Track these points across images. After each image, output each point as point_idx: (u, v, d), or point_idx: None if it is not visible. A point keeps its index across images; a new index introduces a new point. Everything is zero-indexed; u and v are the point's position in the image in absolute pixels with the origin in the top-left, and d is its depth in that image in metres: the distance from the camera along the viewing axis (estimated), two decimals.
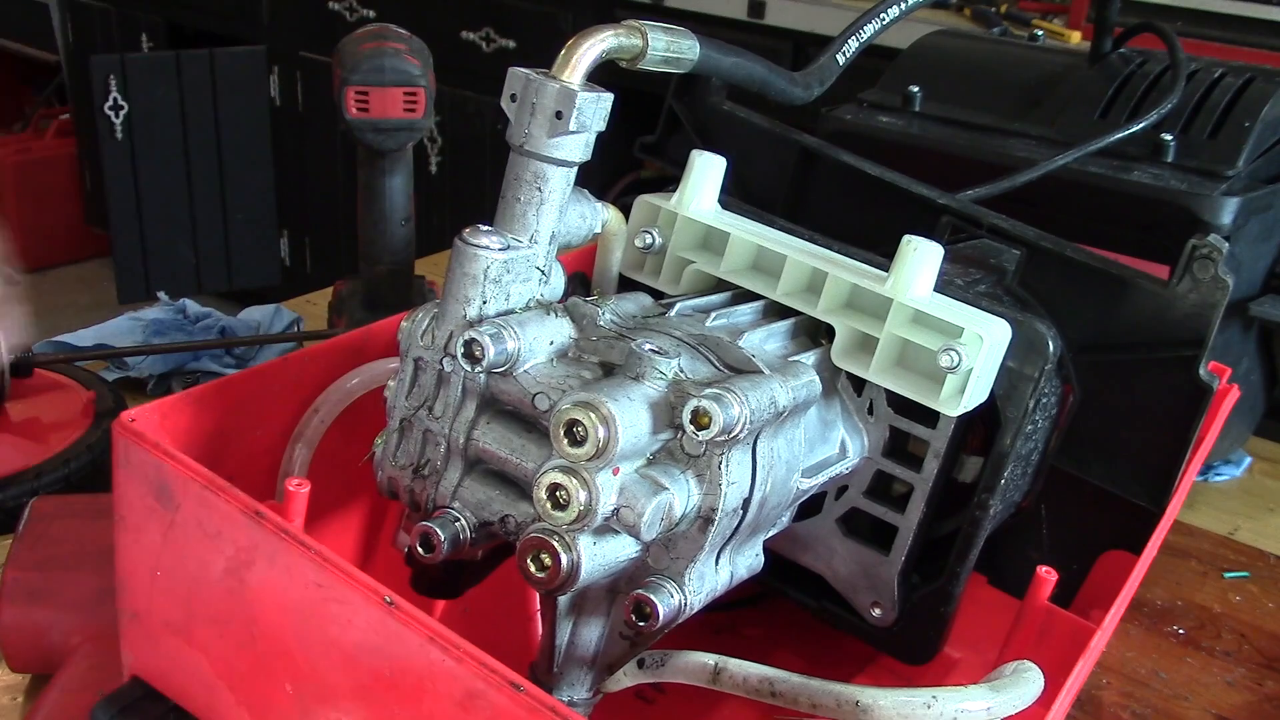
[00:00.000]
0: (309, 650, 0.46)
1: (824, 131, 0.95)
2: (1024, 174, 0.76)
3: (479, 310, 0.47)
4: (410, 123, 0.91)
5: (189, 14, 3.09)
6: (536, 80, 0.47)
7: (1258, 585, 0.88)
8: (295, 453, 0.58)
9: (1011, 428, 0.54)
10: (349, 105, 0.89)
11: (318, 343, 0.61)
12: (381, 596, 0.43)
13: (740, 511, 0.47)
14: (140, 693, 0.53)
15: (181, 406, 0.53)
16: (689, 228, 0.59)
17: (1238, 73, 0.90)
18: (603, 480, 0.43)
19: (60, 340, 1.05)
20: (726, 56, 0.56)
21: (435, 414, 0.49)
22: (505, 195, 0.49)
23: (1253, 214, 0.83)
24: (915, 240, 0.52)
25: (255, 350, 1.08)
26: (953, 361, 0.50)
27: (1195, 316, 0.56)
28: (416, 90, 0.90)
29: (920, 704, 0.44)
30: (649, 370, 0.46)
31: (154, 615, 0.52)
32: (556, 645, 0.49)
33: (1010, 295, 0.60)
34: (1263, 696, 0.76)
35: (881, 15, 0.71)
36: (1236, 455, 1.05)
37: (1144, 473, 0.59)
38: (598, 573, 0.45)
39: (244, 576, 0.47)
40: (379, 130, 0.91)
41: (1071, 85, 0.93)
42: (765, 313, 0.57)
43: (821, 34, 1.96)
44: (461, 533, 0.48)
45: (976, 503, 0.56)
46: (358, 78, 0.88)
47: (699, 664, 0.48)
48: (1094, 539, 0.61)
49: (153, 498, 0.49)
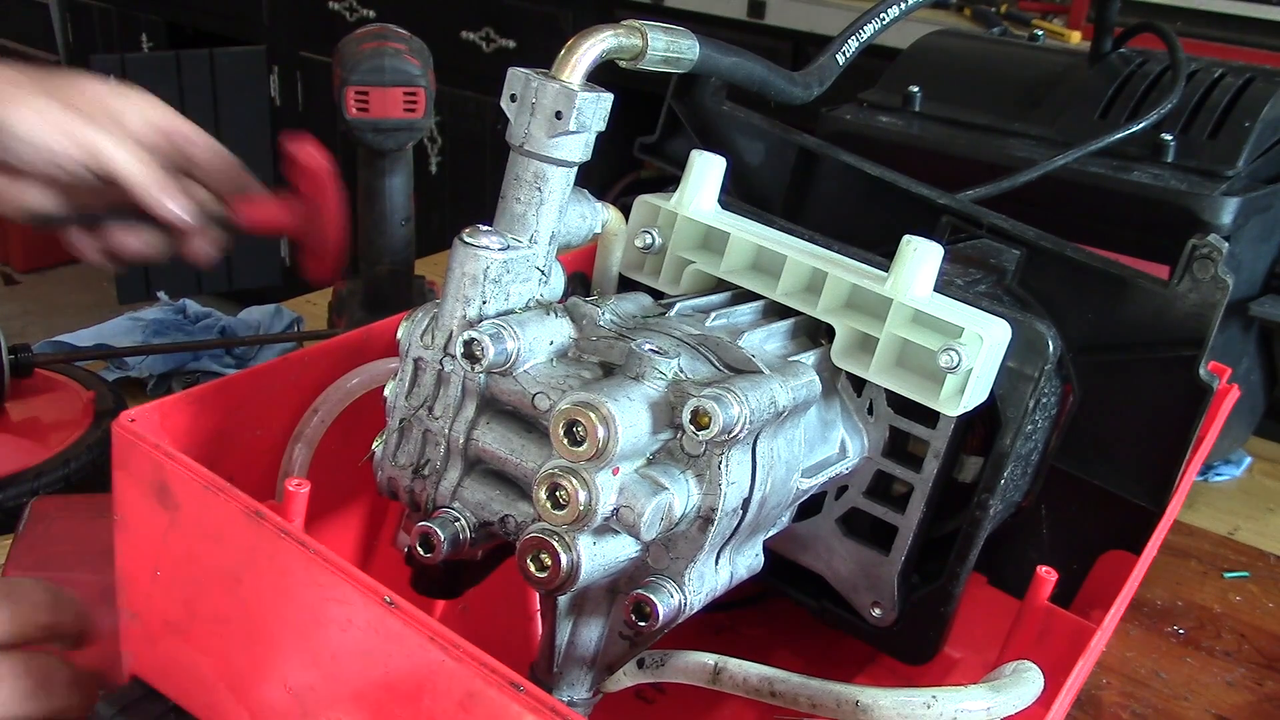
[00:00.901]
0: (309, 650, 0.46)
1: (824, 131, 0.95)
2: (1024, 174, 0.76)
3: (479, 310, 0.47)
4: (410, 123, 0.91)
5: (189, 14, 3.09)
6: (536, 80, 0.47)
7: (1258, 585, 0.88)
8: (295, 453, 0.58)
9: (1011, 428, 0.54)
10: (349, 105, 0.89)
11: (318, 343, 0.61)
12: (381, 596, 0.43)
13: (740, 511, 0.47)
14: (140, 693, 0.53)
15: (181, 406, 0.53)
16: (689, 228, 0.59)
17: (1238, 73, 0.90)
18: (602, 480, 0.43)
19: (60, 340, 1.05)
20: (726, 56, 0.56)
21: (435, 414, 0.49)
22: (505, 195, 0.49)
23: (1253, 214, 0.83)
24: (915, 240, 0.52)
25: (255, 350, 1.08)
26: (953, 361, 0.50)
27: (1195, 316, 0.56)
28: (416, 90, 0.90)
29: (920, 704, 0.44)
30: (649, 370, 0.46)
31: (154, 615, 0.52)
32: (556, 645, 0.49)
33: (1010, 295, 0.60)
34: (1263, 696, 0.76)
35: (881, 15, 0.71)
36: (1236, 455, 1.05)
37: (1144, 473, 0.59)
38: (598, 573, 0.45)
39: (244, 576, 0.47)
40: (379, 130, 0.91)
41: (1071, 85, 0.93)
42: (765, 313, 0.57)
43: (821, 34, 1.96)
44: (461, 533, 0.48)
45: (976, 503, 0.56)
46: (358, 78, 0.88)
47: (699, 664, 0.48)
48: (1094, 539, 0.61)
49: (153, 498, 0.49)
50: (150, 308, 1.13)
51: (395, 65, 0.89)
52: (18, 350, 0.89)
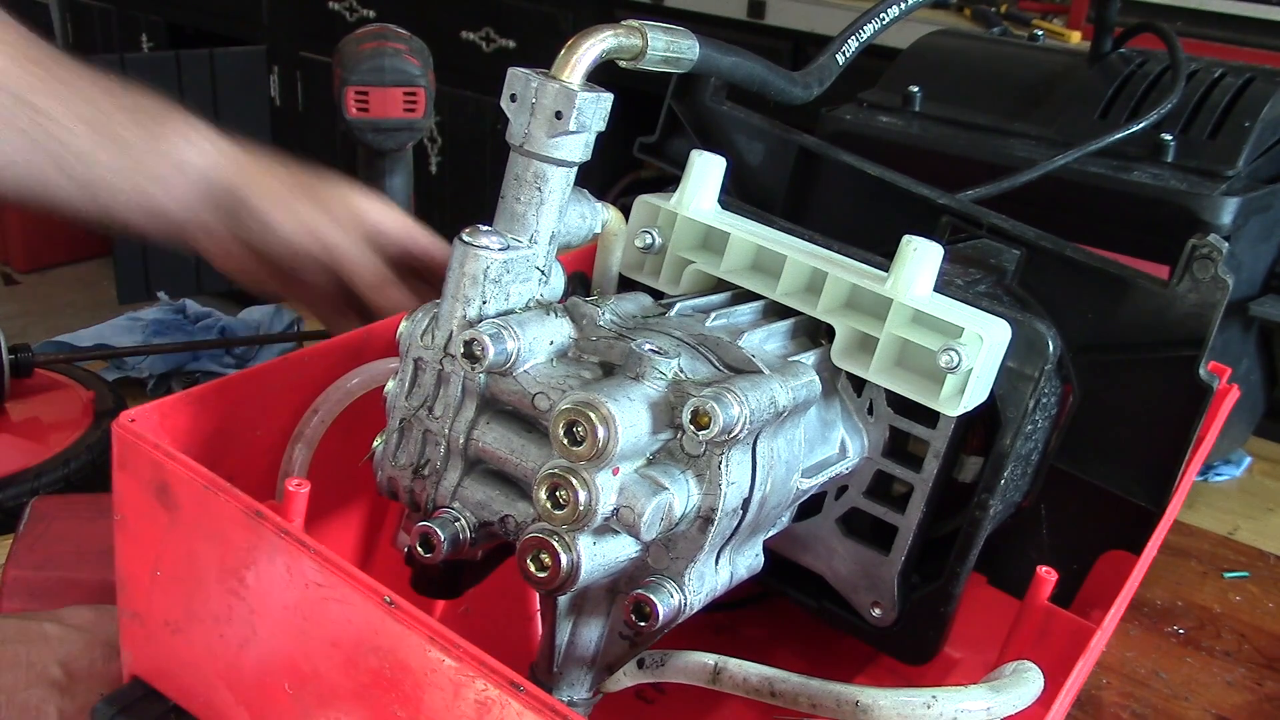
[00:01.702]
0: (309, 650, 0.46)
1: (824, 131, 0.95)
2: (1024, 174, 0.76)
3: (479, 310, 0.47)
4: (410, 123, 0.91)
5: (189, 14, 3.09)
6: (536, 80, 0.47)
7: (1258, 585, 0.88)
8: (295, 453, 0.58)
9: (1011, 428, 0.54)
10: (349, 105, 0.89)
11: (318, 343, 0.61)
12: (381, 596, 0.43)
13: (740, 511, 0.47)
14: (140, 693, 0.53)
15: (181, 406, 0.53)
16: (689, 228, 0.59)
17: (1238, 73, 0.90)
18: (602, 480, 0.43)
19: (60, 340, 1.05)
20: (726, 56, 0.56)
21: (435, 414, 0.49)
22: (505, 195, 0.49)
23: (1253, 214, 0.83)
24: (915, 240, 0.52)
25: (255, 350, 1.08)
26: (952, 361, 0.50)
27: (1195, 316, 0.56)
28: (416, 90, 0.90)
29: (920, 704, 0.44)
30: (649, 370, 0.46)
31: (154, 615, 0.52)
32: (556, 645, 0.49)
33: (1010, 295, 0.60)
34: (1263, 696, 0.76)
35: (881, 15, 0.71)
36: (1236, 455, 1.05)
37: (1144, 473, 0.59)
38: (598, 573, 0.45)
39: (244, 576, 0.47)
40: (379, 130, 0.91)
41: (1071, 85, 0.93)
42: (765, 313, 0.57)
43: (821, 34, 1.96)
44: (461, 533, 0.48)
45: (976, 503, 0.56)
46: (358, 78, 0.88)
47: (699, 664, 0.48)
48: (1094, 539, 0.61)
49: (153, 498, 0.49)
50: (150, 308, 1.13)
51: (395, 65, 0.89)
52: (18, 350, 0.89)
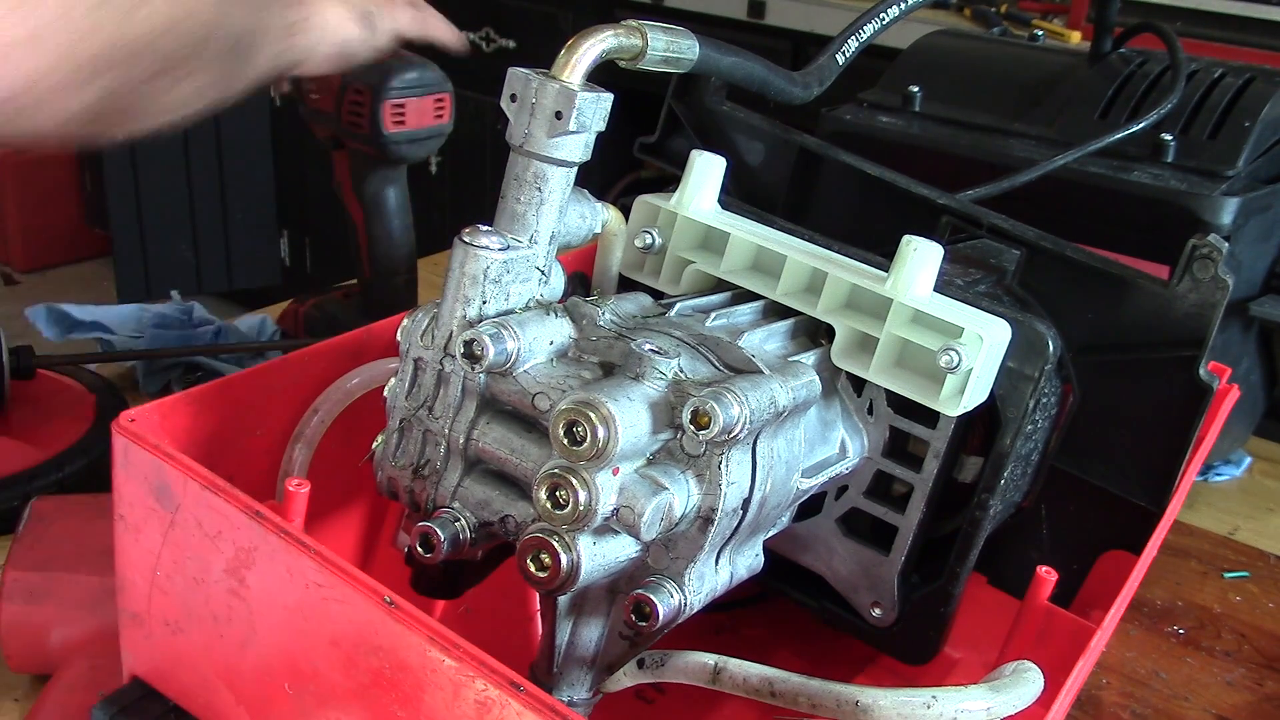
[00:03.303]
0: (309, 650, 0.46)
1: (824, 131, 0.95)
2: (1024, 174, 0.76)
3: (479, 310, 0.47)
4: (440, 129, 0.89)
5: None
6: (536, 80, 0.47)
7: (1258, 585, 0.88)
8: (295, 453, 0.58)
9: (1011, 428, 0.54)
10: (385, 120, 0.86)
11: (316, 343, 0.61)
12: (381, 596, 0.43)
13: (740, 511, 0.47)
14: (140, 693, 0.53)
15: (181, 406, 0.53)
16: (689, 228, 0.59)
17: (1238, 73, 0.90)
18: (602, 480, 0.43)
19: (57, 307, 1.04)
20: (726, 56, 0.56)
21: (435, 414, 0.49)
22: (505, 195, 0.49)
23: (1253, 214, 0.83)
24: (915, 240, 0.52)
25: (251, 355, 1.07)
26: (952, 361, 0.50)
27: (1195, 316, 0.56)
28: (444, 96, 0.88)
29: (920, 704, 0.44)
30: (649, 370, 0.46)
31: (154, 615, 0.52)
32: (556, 645, 0.49)
33: (1010, 295, 0.60)
34: (1263, 696, 0.76)
35: (881, 15, 0.71)
36: (1236, 455, 1.05)
37: (1144, 473, 0.59)
38: (598, 573, 0.45)
39: (244, 576, 0.47)
40: (414, 141, 0.88)
41: (1071, 85, 0.93)
42: (765, 313, 0.57)
43: (821, 34, 1.96)
44: (461, 533, 0.48)
45: (976, 503, 0.56)
46: (396, 92, 0.85)
47: (699, 664, 0.48)
48: (1094, 539, 0.61)
49: (153, 498, 0.49)
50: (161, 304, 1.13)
51: (424, 73, 0.87)
52: (19, 352, 0.89)
